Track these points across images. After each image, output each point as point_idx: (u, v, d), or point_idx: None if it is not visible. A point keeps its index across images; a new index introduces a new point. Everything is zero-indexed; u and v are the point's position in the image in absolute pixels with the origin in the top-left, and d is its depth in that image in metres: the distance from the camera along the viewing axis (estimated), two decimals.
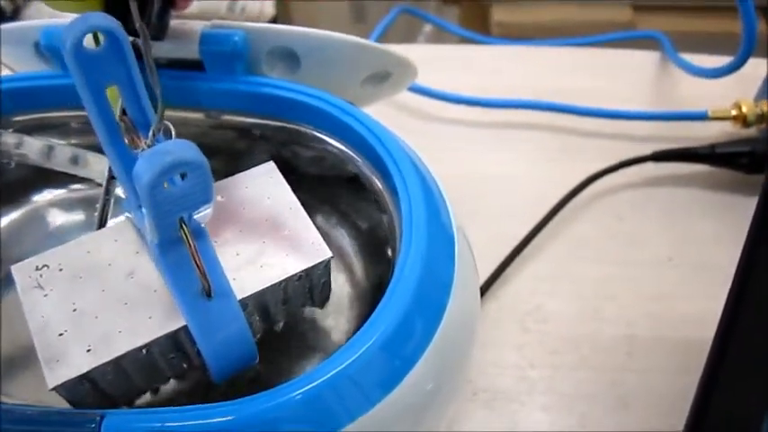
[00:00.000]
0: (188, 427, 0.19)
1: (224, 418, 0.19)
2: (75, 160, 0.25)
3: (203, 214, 0.20)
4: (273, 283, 0.22)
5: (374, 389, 0.20)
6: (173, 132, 0.21)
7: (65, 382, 0.20)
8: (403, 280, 0.21)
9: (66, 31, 0.19)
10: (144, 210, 0.19)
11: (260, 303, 0.23)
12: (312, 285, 0.24)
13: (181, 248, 0.21)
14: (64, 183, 0.29)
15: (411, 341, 0.21)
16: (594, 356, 0.33)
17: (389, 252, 0.25)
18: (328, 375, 0.19)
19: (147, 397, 0.24)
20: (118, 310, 0.21)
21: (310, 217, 0.24)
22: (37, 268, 0.22)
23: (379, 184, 0.25)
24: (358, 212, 0.29)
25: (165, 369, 0.23)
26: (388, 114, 0.25)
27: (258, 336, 0.24)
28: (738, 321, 0.23)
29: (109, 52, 0.20)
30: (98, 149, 0.25)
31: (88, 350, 0.20)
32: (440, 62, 0.46)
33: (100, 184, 0.24)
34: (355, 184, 0.26)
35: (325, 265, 0.24)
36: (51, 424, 0.19)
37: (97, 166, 0.25)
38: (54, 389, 0.20)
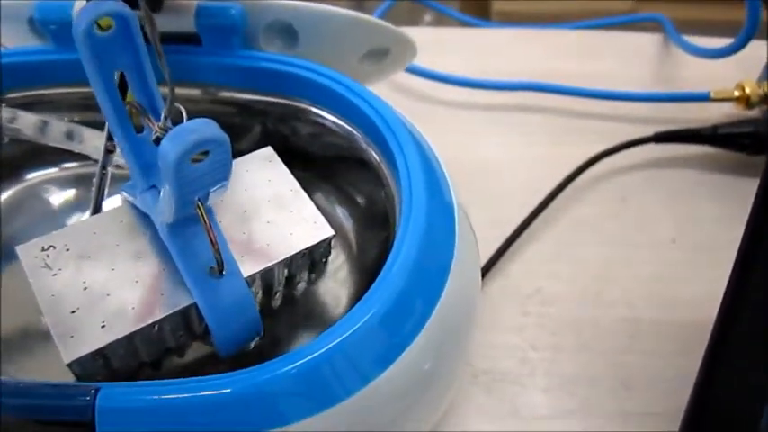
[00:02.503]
0: (184, 399, 0.19)
1: (220, 391, 0.19)
2: (70, 136, 0.24)
3: (218, 192, 0.21)
4: (280, 260, 0.23)
5: (370, 364, 0.20)
6: (184, 115, 0.21)
7: (80, 358, 0.20)
8: (401, 255, 0.21)
9: (78, 17, 0.19)
10: (166, 189, 0.19)
11: (265, 280, 0.24)
12: (313, 262, 0.25)
13: (191, 227, 0.21)
14: (56, 161, 0.28)
15: (408, 317, 0.21)
16: (596, 339, 0.32)
17: (389, 228, 0.25)
18: (324, 349, 0.19)
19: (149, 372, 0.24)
20: (129, 287, 0.22)
21: (310, 194, 0.24)
22: (43, 249, 0.22)
23: (378, 158, 0.25)
24: (357, 188, 0.28)
25: (173, 346, 0.23)
26: (388, 96, 0.25)
27: (259, 308, 0.24)
28: (740, 303, 0.23)
29: (119, 37, 0.20)
30: (93, 125, 0.25)
31: (102, 326, 0.21)
32: (440, 45, 0.46)
33: (95, 160, 0.24)
34: (354, 159, 0.26)
35: (328, 243, 0.24)
36: (47, 396, 0.18)
37: (92, 141, 0.24)
38: (69, 364, 0.20)
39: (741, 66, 0.41)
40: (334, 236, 0.24)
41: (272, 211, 0.24)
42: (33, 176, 0.29)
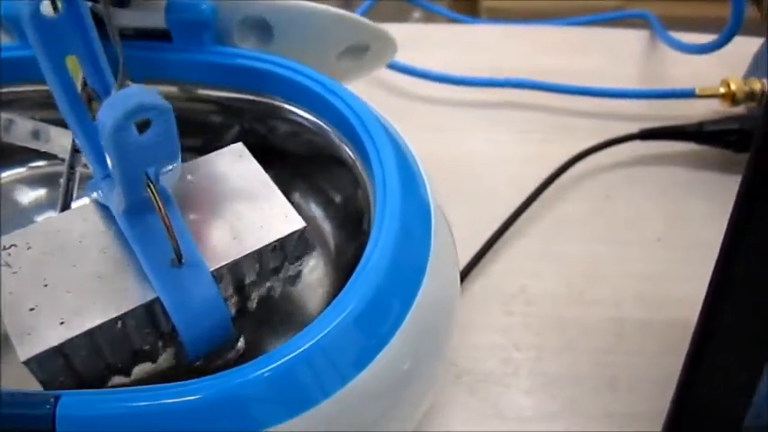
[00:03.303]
0: (151, 407, 0.18)
1: (189, 398, 0.18)
2: (36, 135, 0.24)
3: (170, 174, 0.20)
4: (248, 252, 0.22)
5: (346, 366, 0.20)
6: None
7: (37, 356, 0.19)
8: (375, 254, 0.21)
9: None
10: (110, 166, 0.19)
11: (235, 276, 0.23)
12: (286, 258, 0.24)
13: (149, 216, 0.20)
14: (23, 161, 0.28)
15: (384, 317, 0.20)
16: (581, 338, 0.32)
17: (366, 227, 0.24)
18: (298, 351, 0.19)
19: (120, 379, 0.23)
20: (91, 283, 0.21)
21: (286, 193, 0.24)
22: (4, 248, 0.21)
23: (353, 157, 0.24)
24: (334, 187, 0.28)
25: (140, 347, 0.22)
26: (371, 93, 0.24)
27: (234, 311, 0.24)
28: (722, 301, 0.23)
29: (67, 19, 0.19)
30: (60, 124, 0.25)
31: (61, 323, 0.20)
32: (428, 42, 0.46)
33: (62, 159, 0.23)
34: (331, 158, 0.25)
35: (299, 236, 0.23)
36: (4, 405, 0.18)
37: (60, 140, 0.24)
38: (26, 363, 0.19)
39: (727, 63, 0.41)
40: (305, 227, 0.23)
41: (241, 205, 0.23)
42: (2, 177, 0.28)
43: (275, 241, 0.23)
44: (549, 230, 0.36)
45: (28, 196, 0.28)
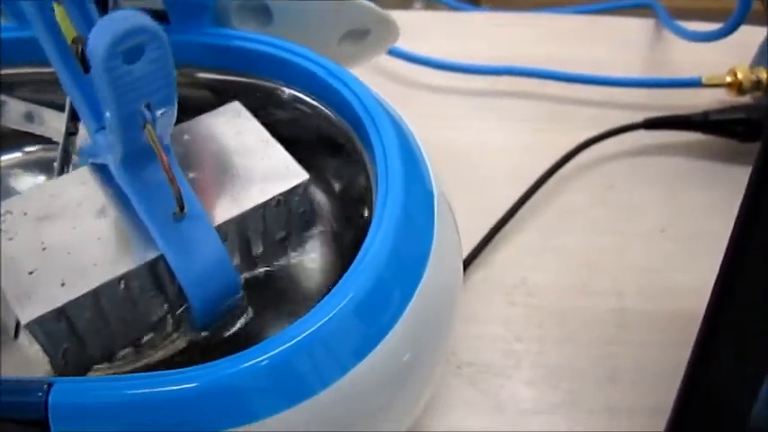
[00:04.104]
0: (146, 395, 0.17)
1: (184, 386, 0.18)
2: (29, 117, 0.23)
3: (166, 119, 0.19)
4: (252, 207, 0.22)
5: (346, 355, 0.19)
6: None
7: (39, 318, 0.19)
8: (376, 242, 0.20)
9: None
10: (104, 110, 0.18)
11: (240, 233, 0.22)
12: (291, 214, 0.24)
13: (148, 168, 0.20)
14: (18, 145, 0.27)
15: (385, 306, 0.20)
16: (583, 330, 0.32)
17: (367, 214, 0.24)
18: (296, 339, 0.18)
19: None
20: (91, 244, 0.20)
21: None
22: None
23: (355, 142, 0.24)
24: (335, 174, 0.27)
25: (146, 312, 0.22)
26: (370, 80, 0.24)
27: (243, 276, 0.24)
28: (731, 293, 0.22)
29: None
30: (54, 107, 0.24)
31: (62, 284, 0.20)
32: (428, 29, 0.45)
33: (57, 143, 0.23)
34: (331, 143, 0.25)
35: (304, 190, 0.23)
36: None
37: (53, 123, 0.23)
38: (27, 326, 0.19)
39: (733, 52, 0.40)
40: (308, 179, 0.23)
41: (241, 162, 0.23)
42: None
43: (279, 195, 0.22)
44: (551, 221, 0.36)
45: (23, 181, 0.27)
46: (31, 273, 0.20)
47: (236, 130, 0.24)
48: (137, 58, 0.17)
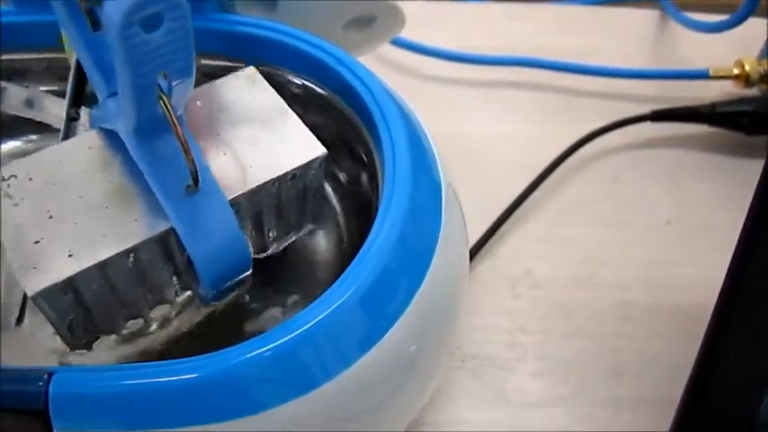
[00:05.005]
0: (147, 384, 0.17)
1: (186, 376, 0.17)
2: (29, 103, 0.23)
3: (181, 90, 0.18)
4: (266, 180, 0.21)
5: (351, 346, 0.19)
6: None
7: (45, 290, 0.18)
8: (383, 232, 0.20)
9: None
10: (118, 78, 0.17)
11: (253, 207, 0.22)
12: (305, 189, 0.23)
13: (161, 138, 0.19)
14: (20, 133, 0.27)
15: (391, 297, 0.20)
16: (588, 323, 0.31)
17: (374, 203, 0.23)
18: (300, 330, 0.18)
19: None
20: (99, 214, 0.20)
21: None
22: (3, 178, 0.20)
23: (362, 130, 0.23)
24: (340, 164, 0.27)
25: (154, 285, 0.21)
26: (377, 71, 0.23)
27: (254, 254, 0.23)
28: (742, 288, 0.22)
29: None
30: (54, 93, 0.24)
31: (70, 255, 0.19)
32: (431, 19, 0.45)
33: (57, 129, 0.23)
34: (338, 132, 0.24)
35: (319, 165, 0.22)
36: None
37: (54, 109, 0.23)
38: (33, 298, 0.18)
39: (740, 44, 0.40)
40: (325, 154, 0.22)
41: (255, 132, 0.22)
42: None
43: (295, 168, 0.21)
44: (556, 213, 0.35)
45: None
46: (36, 242, 0.19)
47: (251, 98, 0.23)
48: (156, 26, 0.16)
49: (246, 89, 0.23)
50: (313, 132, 0.22)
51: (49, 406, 0.17)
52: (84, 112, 0.23)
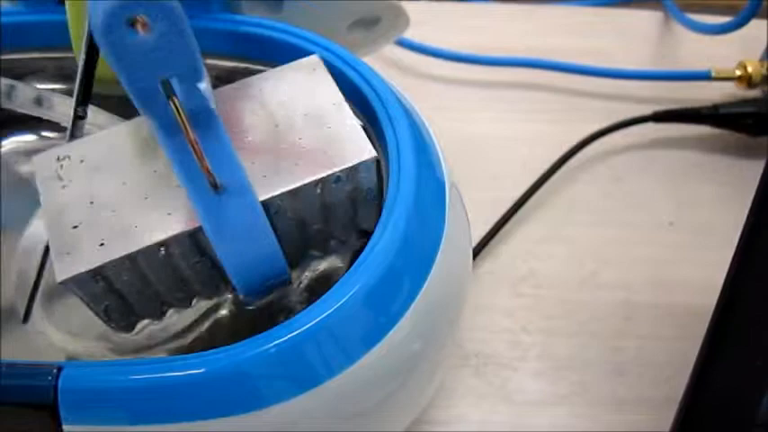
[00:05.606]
0: (154, 379, 0.18)
1: (192, 372, 0.18)
2: (38, 101, 0.23)
3: (197, 90, 0.18)
4: (306, 182, 0.20)
5: (355, 343, 0.19)
6: None
7: (73, 277, 0.19)
8: (387, 230, 0.20)
9: None
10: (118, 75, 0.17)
11: (295, 209, 0.21)
12: (356, 194, 0.22)
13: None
14: (33, 129, 0.27)
15: (395, 295, 0.20)
16: (590, 322, 0.32)
17: (378, 202, 0.23)
18: (305, 327, 0.18)
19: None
20: (137, 204, 0.20)
21: None
22: (58, 159, 0.21)
23: (367, 129, 0.23)
24: None
25: (192, 278, 0.21)
26: (381, 71, 0.23)
27: (294, 257, 0.22)
28: (742, 287, 0.22)
29: None
30: (63, 92, 0.24)
31: (101, 244, 0.19)
32: (436, 20, 0.45)
33: (66, 128, 0.23)
34: None
35: (369, 168, 0.21)
36: (4, 376, 0.17)
37: (62, 107, 0.23)
38: (63, 283, 0.19)
39: (742, 46, 0.40)
40: (375, 157, 0.20)
41: (307, 127, 0.21)
42: (7, 144, 0.27)
43: (339, 171, 0.20)
44: (559, 213, 0.36)
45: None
46: (75, 227, 0.19)
47: (307, 89, 0.22)
48: (147, 29, 0.16)
49: (306, 79, 0.22)
50: None
51: (58, 400, 0.17)
52: (90, 111, 0.23)
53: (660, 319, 0.32)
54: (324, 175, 0.20)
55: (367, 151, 0.20)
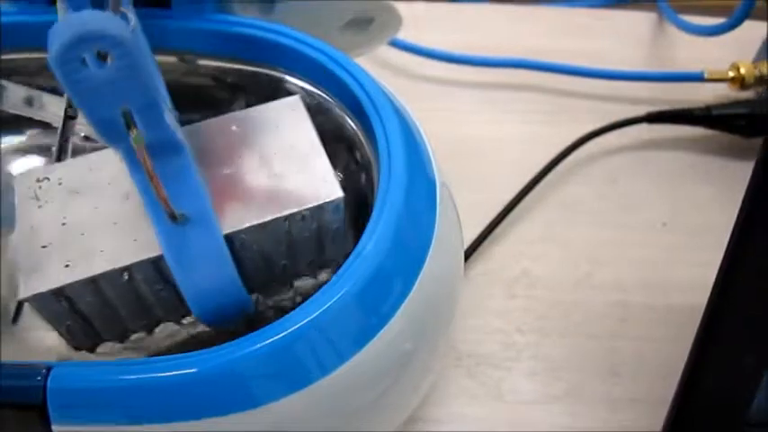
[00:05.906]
0: (145, 379, 0.17)
1: (182, 371, 0.18)
2: (29, 101, 0.23)
3: (167, 122, 0.18)
4: (272, 218, 0.21)
5: (346, 343, 0.19)
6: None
7: (36, 295, 0.19)
8: (377, 231, 0.20)
9: None
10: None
11: (260, 244, 0.21)
12: (321, 233, 0.22)
13: (157, 164, 0.19)
14: (21, 129, 0.27)
15: (385, 295, 0.20)
16: (584, 323, 0.32)
17: (369, 202, 0.23)
18: (296, 326, 0.18)
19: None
20: (106, 229, 0.20)
21: None
22: (38, 180, 0.21)
23: (358, 129, 0.23)
24: (336, 162, 0.27)
25: (155, 304, 0.22)
26: (372, 71, 0.24)
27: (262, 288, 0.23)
28: (732, 287, 0.22)
29: None
30: (54, 92, 0.24)
31: (66, 265, 0.20)
32: (429, 20, 0.45)
33: (56, 128, 0.23)
34: (333, 131, 0.24)
35: (336, 208, 0.22)
36: None
37: (53, 107, 0.23)
38: (26, 300, 0.19)
39: (736, 47, 0.40)
40: (341, 198, 0.21)
41: (281, 164, 0.22)
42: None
43: (305, 210, 0.21)
44: (553, 213, 0.36)
45: (22, 166, 0.27)
46: (44, 246, 0.20)
47: (285, 128, 0.23)
48: (104, 62, 0.16)
49: (285, 118, 0.23)
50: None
51: (47, 401, 0.17)
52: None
53: (654, 320, 0.32)
54: (290, 212, 0.21)
55: (335, 192, 0.21)
